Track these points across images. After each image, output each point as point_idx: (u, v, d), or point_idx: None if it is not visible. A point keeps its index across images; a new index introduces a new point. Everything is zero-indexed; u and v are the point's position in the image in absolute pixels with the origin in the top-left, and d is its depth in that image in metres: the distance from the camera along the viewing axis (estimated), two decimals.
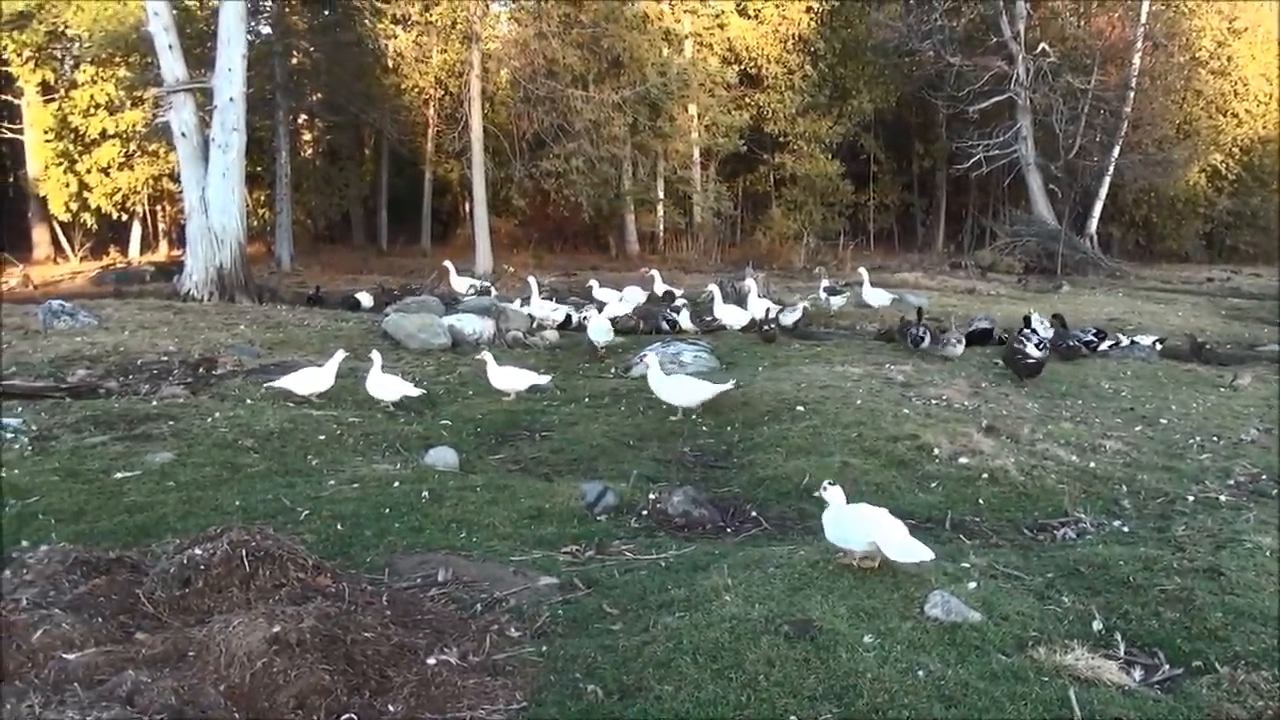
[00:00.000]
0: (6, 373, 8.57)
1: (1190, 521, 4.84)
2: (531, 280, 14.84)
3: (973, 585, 3.58)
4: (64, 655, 3.17)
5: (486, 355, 8.52)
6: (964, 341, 10.17)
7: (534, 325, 12.34)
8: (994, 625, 3.30)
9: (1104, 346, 10.86)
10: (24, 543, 4.56)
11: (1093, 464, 6.08)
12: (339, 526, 4.89)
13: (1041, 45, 26.25)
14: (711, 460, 6.51)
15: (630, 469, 6.08)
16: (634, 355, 10.24)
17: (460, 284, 16.18)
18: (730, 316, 12.27)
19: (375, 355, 7.89)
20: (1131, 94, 26.39)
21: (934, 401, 7.53)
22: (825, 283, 15.02)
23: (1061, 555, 4.32)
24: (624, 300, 14.16)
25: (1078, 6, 28.50)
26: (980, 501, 5.45)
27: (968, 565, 3.96)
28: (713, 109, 28.01)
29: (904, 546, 3.52)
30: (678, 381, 7.74)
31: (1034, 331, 10.05)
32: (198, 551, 3.77)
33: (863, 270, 15.84)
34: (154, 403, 7.52)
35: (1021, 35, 26.40)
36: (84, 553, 3.92)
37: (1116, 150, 26.55)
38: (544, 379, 8.44)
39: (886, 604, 3.37)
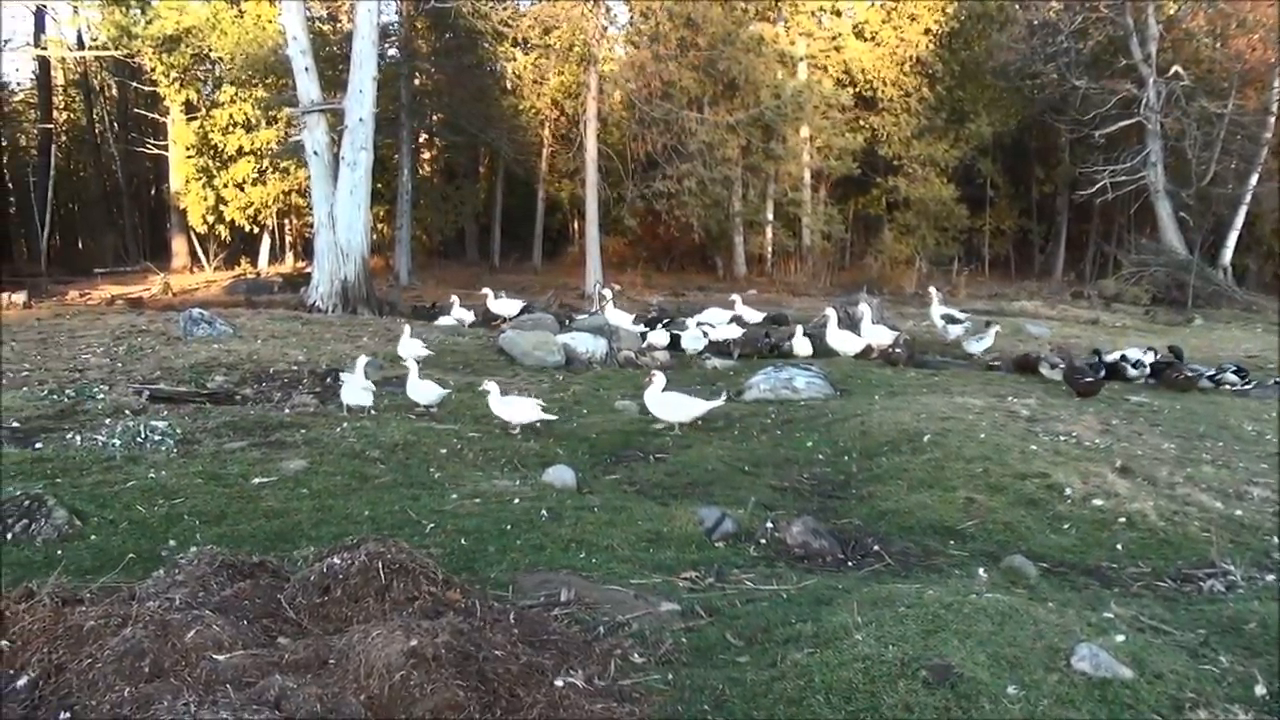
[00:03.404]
0: (152, 377, 9.07)
1: None
2: (606, 292, 14.94)
3: (1120, 638, 3.40)
4: (214, 656, 3.29)
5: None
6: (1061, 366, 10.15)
7: (645, 345, 12.40)
8: (1147, 683, 3.12)
9: (1245, 385, 10.30)
10: (171, 541, 4.80)
11: (1239, 511, 5.73)
12: (463, 541, 4.97)
13: (1175, 68, 25.14)
14: (829, 490, 6.40)
15: (747, 495, 6.01)
16: (746, 379, 10.19)
17: (501, 305, 15.99)
18: (843, 342, 12.07)
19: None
20: (1272, 119, 25.02)
21: (1062, 438, 7.23)
22: (942, 309, 14.61)
23: (1212, 610, 4.07)
24: (725, 323, 14.09)
25: (1215, 28, 27.20)
26: (1118, 547, 5.19)
27: (1111, 616, 3.77)
28: (826, 131, 27.77)
29: None
30: (670, 398, 7.95)
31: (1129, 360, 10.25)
32: (336, 561, 3.88)
33: (933, 290, 15.45)
34: (286, 411, 7.83)
35: (1153, 58, 25.34)
36: (229, 556, 4.08)
37: (1255, 178, 25.18)
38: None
39: (1029, 653, 3.23)
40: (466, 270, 28.89)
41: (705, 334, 13.06)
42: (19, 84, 36.91)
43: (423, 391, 8.17)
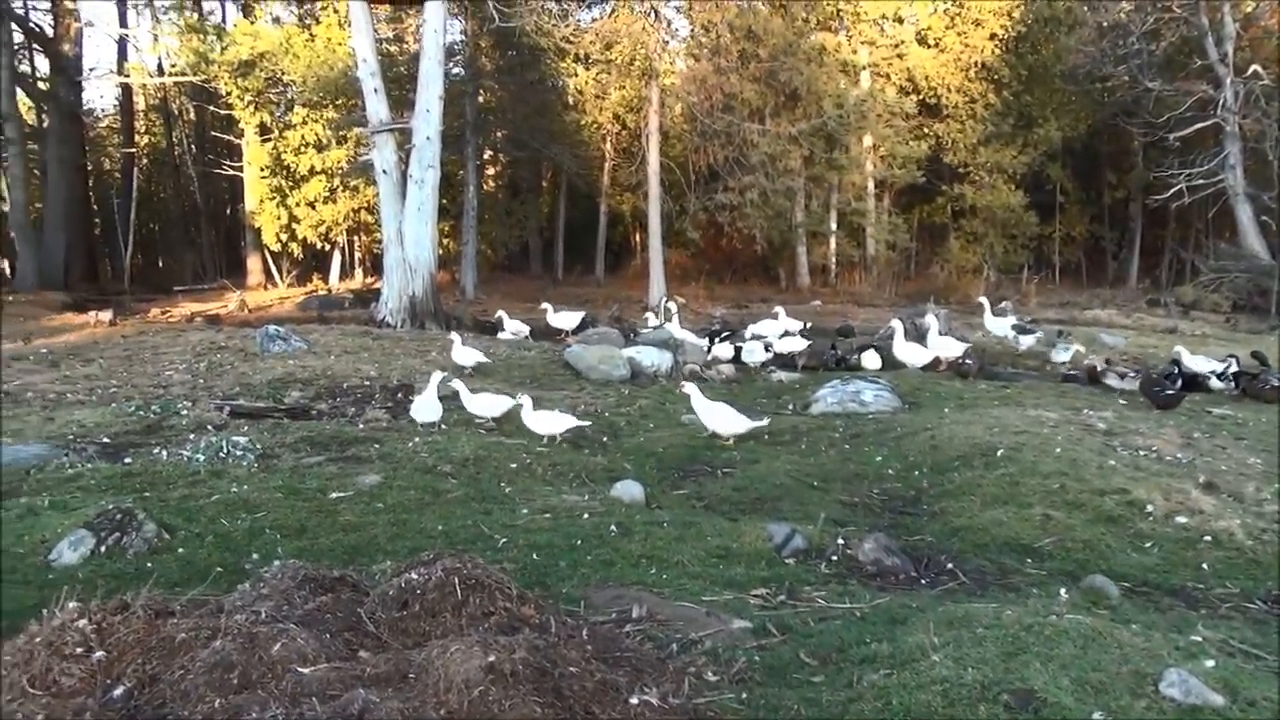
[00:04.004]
0: (232, 393, 9.35)
1: None
2: (672, 306, 14.98)
3: (1210, 663, 3.30)
4: (299, 669, 3.38)
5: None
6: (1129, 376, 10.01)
7: (709, 358, 12.40)
8: (1239, 711, 3.02)
9: None
10: (254, 555, 4.93)
11: None
12: (534, 556, 5.02)
13: (1253, 67, 24.35)
14: (900, 506, 6.31)
15: (816, 511, 5.96)
16: (812, 392, 10.12)
17: (560, 319, 16.07)
18: (911, 354, 11.91)
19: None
20: None
21: (1142, 452, 7.04)
22: (1011, 319, 14.35)
23: None
24: (787, 335, 14.02)
25: None
26: (1203, 567, 5.03)
27: (1199, 639, 3.66)
28: (890, 140, 27.48)
29: None
30: (720, 409, 8.02)
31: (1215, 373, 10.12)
32: (414, 576, 3.95)
33: (983, 299, 15.15)
34: (360, 426, 8.00)
35: (1230, 57, 24.57)
36: (311, 570, 4.18)
37: None
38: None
39: (1114, 678, 3.15)
40: (530, 284, 29.19)
41: (768, 347, 13.01)
42: (103, 110, 38.47)
43: (483, 405, 8.23)
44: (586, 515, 5.66)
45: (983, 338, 13.86)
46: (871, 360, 12.06)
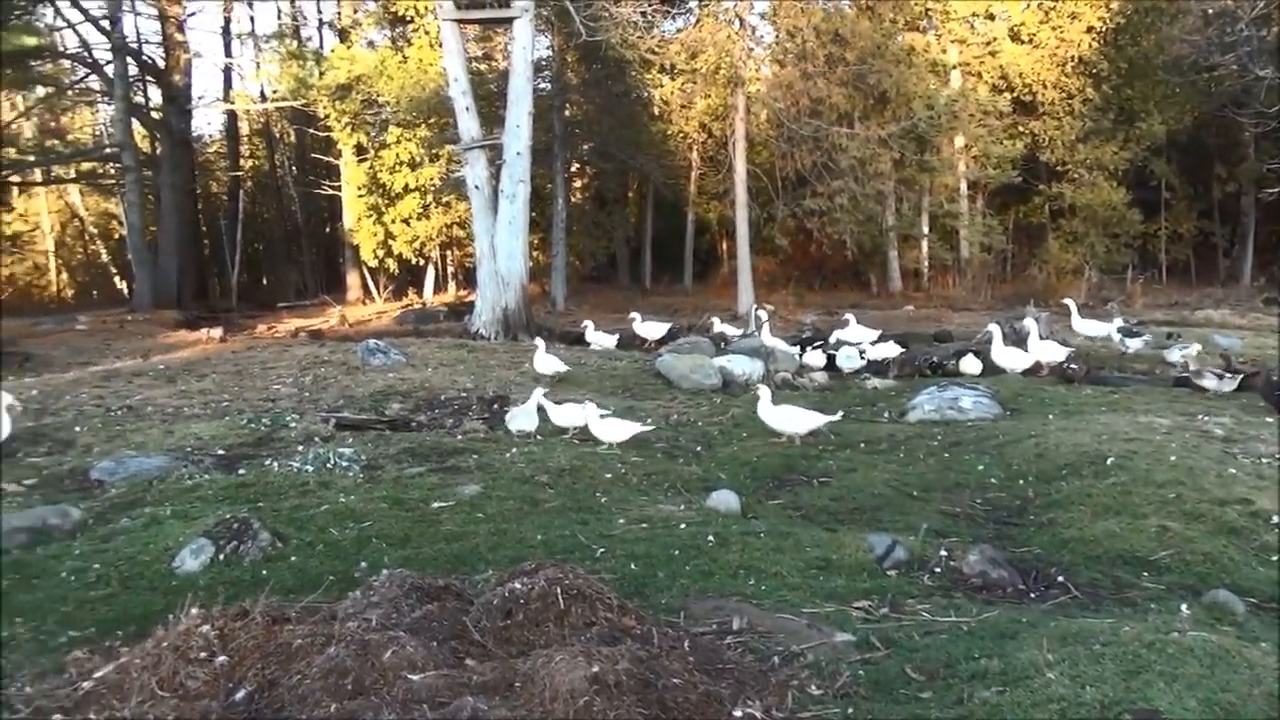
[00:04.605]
0: (336, 405, 9.65)
1: None
2: (762, 313, 14.84)
3: None
4: (410, 676, 3.46)
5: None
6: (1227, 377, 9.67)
7: (802, 366, 12.29)
8: None
9: None
10: (363, 563, 5.08)
11: None
12: (632, 566, 5.04)
13: None
14: (1005, 516, 6.14)
15: (917, 521, 5.85)
16: (908, 399, 9.93)
17: (647, 328, 16.04)
18: (1011, 359, 11.57)
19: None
20: None
21: (1265, 460, 6.69)
22: (1118, 321, 13.81)
23: None
24: (881, 341, 13.77)
25: None
26: None
27: None
28: (983, 139, 26.79)
29: None
30: (784, 410, 8.16)
31: None
32: (516, 586, 4.01)
33: (1068, 301, 14.58)
34: (459, 437, 8.16)
35: None
36: (418, 579, 4.28)
37: None
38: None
39: (1245, 699, 3.00)
40: (619, 294, 29.37)
41: (862, 353, 12.83)
42: (211, 136, 40.27)
43: (568, 416, 8.29)
44: (683, 525, 5.65)
45: (1085, 341, 13.38)
46: (971, 365, 11.77)
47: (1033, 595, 4.75)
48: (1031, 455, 7.16)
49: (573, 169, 32.78)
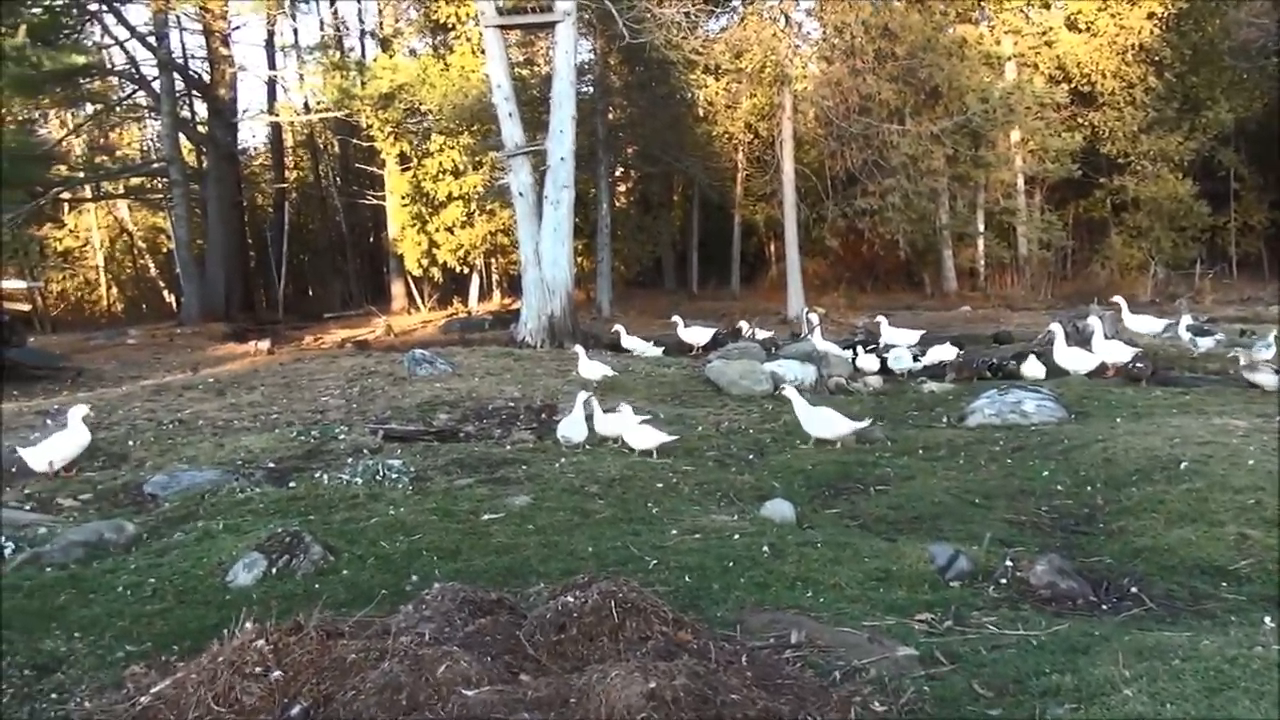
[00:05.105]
0: (384, 416, 9.77)
1: None
2: (813, 317, 14.75)
3: None
4: (464, 691, 3.48)
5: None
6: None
7: (855, 370, 12.19)
8: None
9: None
10: (414, 576, 5.12)
11: None
12: (686, 579, 5.02)
13: None
14: (1072, 524, 6.01)
15: (980, 530, 5.75)
16: (967, 403, 9.79)
17: (691, 334, 16.04)
18: (1074, 360, 11.36)
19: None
20: None
21: None
22: (1187, 319, 13.49)
23: None
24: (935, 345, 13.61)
25: None
26: None
27: None
28: (1040, 133, 26.36)
29: None
30: (821, 413, 8.33)
31: None
32: (569, 599, 4.01)
33: (1119, 299, 14.28)
34: (507, 447, 8.23)
35: None
36: (470, 592, 4.31)
37: None
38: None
39: None
40: (665, 299, 29.38)
41: (917, 356, 12.70)
42: (256, 149, 41.07)
43: (613, 425, 8.31)
44: (737, 536, 5.62)
45: (1151, 340, 13.09)
46: (1034, 368, 11.58)
47: (1104, 607, 4.64)
48: (1099, 460, 7.01)
49: (617, 173, 32.91)
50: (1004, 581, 4.88)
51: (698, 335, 16.08)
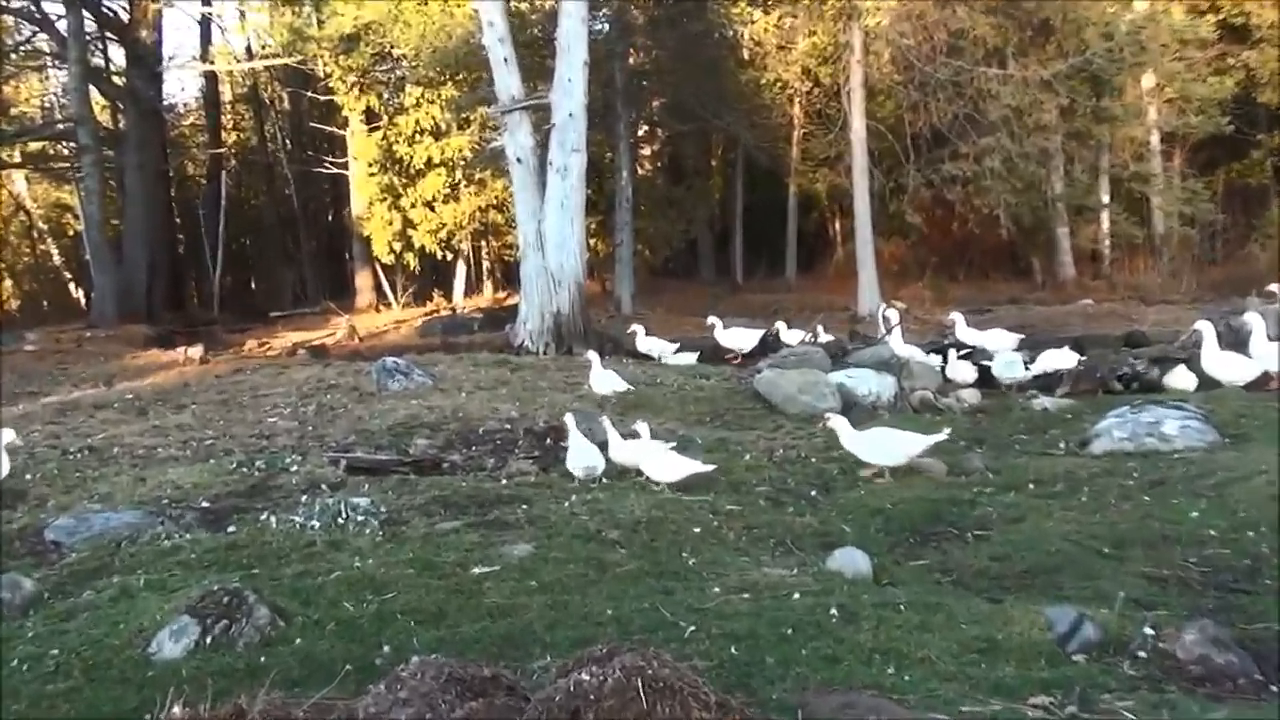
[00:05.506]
0: (347, 443, 9.82)
1: None
2: (892, 313, 14.68)
3: None
4: None
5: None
6: None
7: (947, 382, 12.18)
8: None
9: None
10: (386, 647, 5.12)
11: None
12: (733, 650, 4.99)
13: None
14: (1230, 580, 5.93)
15: (1110, 588, 5.69)
16: (1090, 423, 9.73)
17: (733, 337, 16.14)
18: (1228, 368, 11.24)
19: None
20: None
21: None
22: None
23: None
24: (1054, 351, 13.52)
25: None
26: None
27: None
28: (1179, 77, 26.20)
29: None
30: (874, 436, 8.43)
31: None
32: (584, 677, 3.99)
33: (1275, 287, 14.12)
34: (503, 481, 8.24)
35: None
36: (457, 668, 4.29)
37: None
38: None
39: None
40: (702, 291, 29.45)
41: (1028, 363, 12.64)
42: (185, 105, 41.53)
43: (630, 453, 8.33)
44: (797, 595, 5.60)
45: None
46: (1182, 379, 11.49)
47: (1274, 688, 4.58)
48: (1263, 497, 6.93)
49: (640, 133, 32.98)
50: (1142, 655, 4.83)
51: (741, 339, 16.06)
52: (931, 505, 7.56)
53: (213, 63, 34.26)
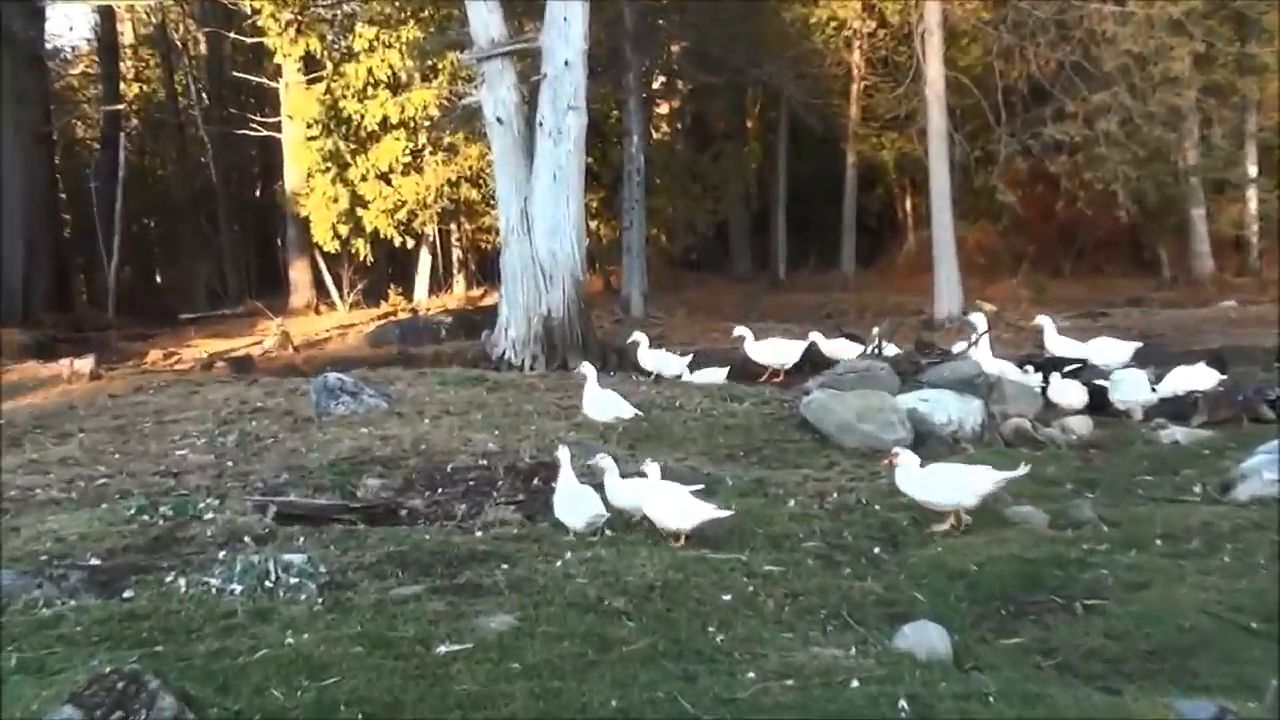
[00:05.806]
0: (277, 483, 9.81)
1: None
2: (979, 319, 14.54)
3: None
4: None
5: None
6: None
7: (1049, 406, 12.18)
8: None
9: None
10: None
11: None
12: None
13: None
14: None
15: (1260, 674, 5.68)
16: (1234, 461, 9.71)
17: (766, 351, 16.27)
18: None
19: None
20: None
21: None
22: None
23: None
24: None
25: None
26: None
27: None
28: None
29: None
30: (939, 474, 8.56)
31: None
32: None
33: None
34: (478, 534, 8.21)
35: None
36: None
37: None
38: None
39: None
40: (734, 289, 29.43)
41: (1152, 384, 12.62)
42: (74, 49, 41.65)
43: (632, 496, 8.38)
44: (855, 683, 5.60)
45: None
46: None
47: None
48: None
49: (655, 86, 32.99)
50: None
51: (780, 352, 16.01)
52: (1029, 567, 7.54)
53: None
